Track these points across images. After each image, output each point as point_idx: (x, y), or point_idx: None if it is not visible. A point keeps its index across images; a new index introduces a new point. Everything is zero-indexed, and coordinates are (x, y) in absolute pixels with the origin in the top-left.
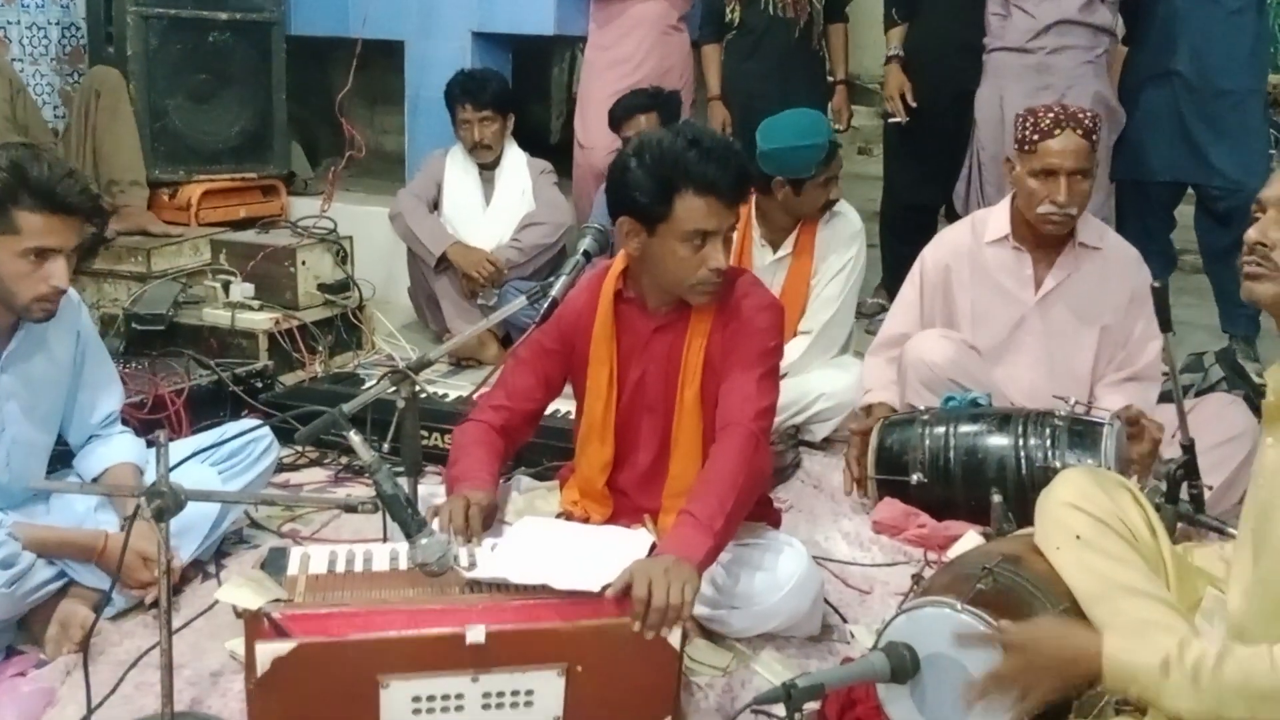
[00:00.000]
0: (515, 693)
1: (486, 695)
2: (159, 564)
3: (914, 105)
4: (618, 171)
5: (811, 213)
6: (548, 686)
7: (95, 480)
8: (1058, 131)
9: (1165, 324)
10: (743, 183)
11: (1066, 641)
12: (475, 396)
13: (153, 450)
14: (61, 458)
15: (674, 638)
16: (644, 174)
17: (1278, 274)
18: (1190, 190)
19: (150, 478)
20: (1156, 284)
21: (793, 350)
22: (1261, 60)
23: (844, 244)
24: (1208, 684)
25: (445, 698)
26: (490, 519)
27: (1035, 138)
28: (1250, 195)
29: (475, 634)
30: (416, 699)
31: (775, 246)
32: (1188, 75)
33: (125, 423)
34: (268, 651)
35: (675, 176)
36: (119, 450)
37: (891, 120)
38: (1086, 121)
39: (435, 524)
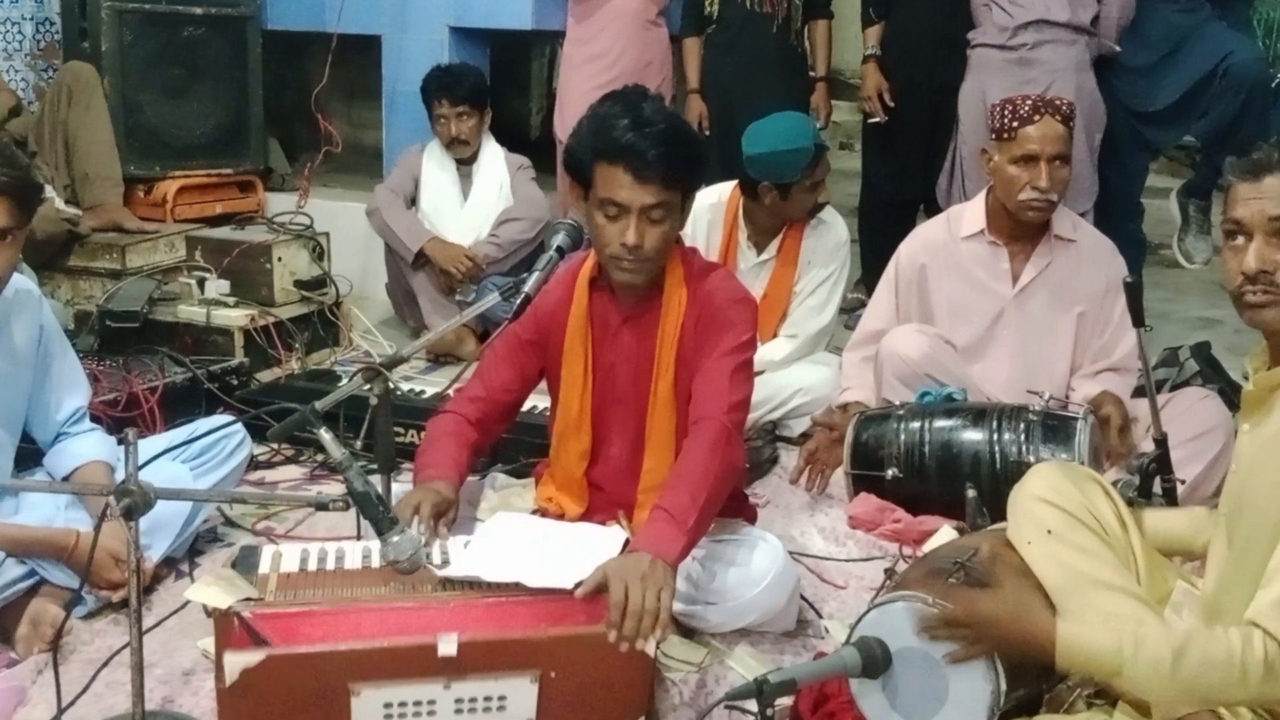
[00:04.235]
0: (488, 698)
1: (459, 701)
2: (129, 558)
3: (891, 105)
4: (572, 130)
5: (799, 216)
6: (520, 692)
7: (65, 479)
8: (1037, 117)
9: (1139, 319)
10: (666, 164)
11: (1020, 621)
12: (451, 391)
13: (123, 448)
14: (32, 456)
15: (649, 646)
16: (583, 134)
17: None
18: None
19: (121, 476)
20: (1129, 278)
21: (774, 352)
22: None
23: (829, 254)
24: (1165, 677)
25: (418, 704)
26: (448, 515)
27: (1015, 124)
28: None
29: (447, 645)
30: (388, 705)
31: (760, 249)
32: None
33: (99, 420)
34: (236, 662)
35: (599, 142)
36: (89, 448)
37: (870, 120)
38: (1064, 108)
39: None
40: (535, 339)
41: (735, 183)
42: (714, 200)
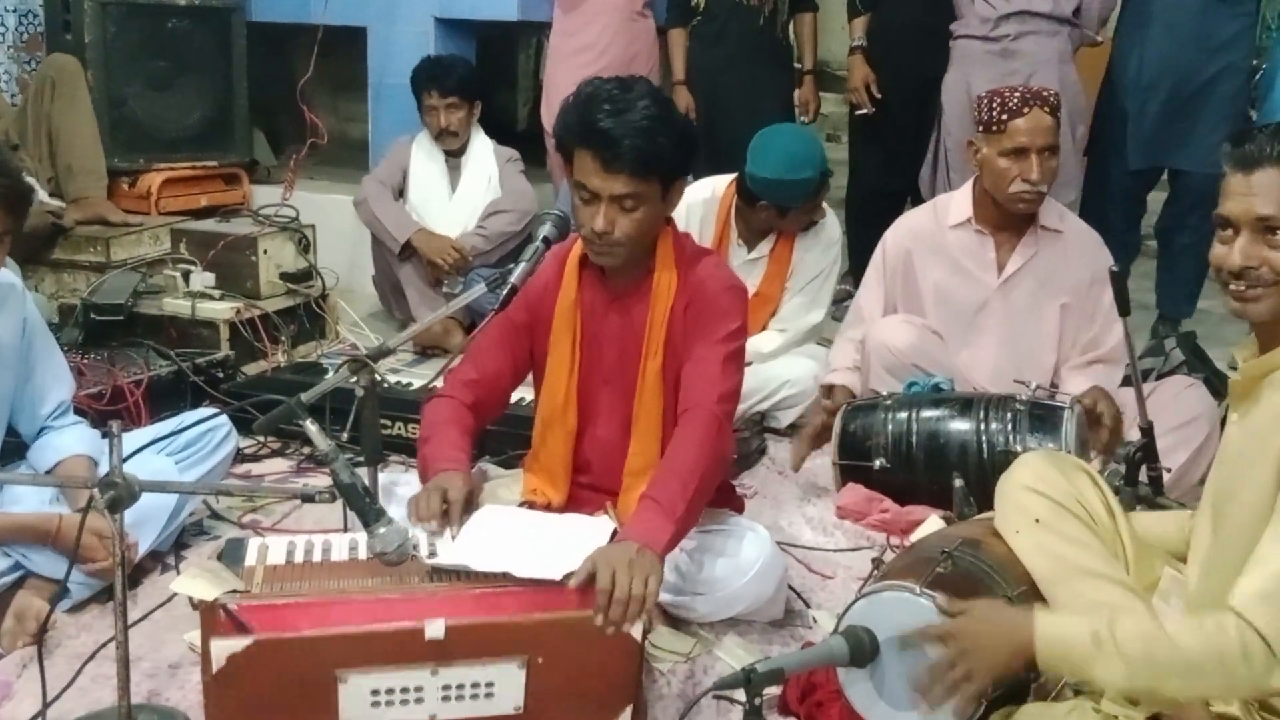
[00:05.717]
0: (475, 685)
1: (446, 687)
2: (114, 551)
3: (878, 96)
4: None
5: (793, 230)
6: (508, 678)
7: (48, 473)
8: (1026, 110)
9: (1124, 308)
10: (636, 158)
11: (999, 625)
12: (440, 381)
13: (107, 441)
14: (15, 450)
15: (635, 629)
16: (568, 111)
17: (1271, 289)
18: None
19: (105, 469)
20: (1114, 268)
21: (763, 344)
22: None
23: (822, 251)
24: (1141, 659)
25: (404, 690)
26: (470, 504)
27: (1004, 117)
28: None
29: (434, 629)
30: (375, 692)
31: (751, 247)
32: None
33: (84, 414)
34: (223, 647)
35: (577, 123)
36: (72, 442)
37: (858, 113)
38: (1052, 99)
39: (413, 515)
40: (526, 321)
41: (730, 179)
42: (707, 195)
